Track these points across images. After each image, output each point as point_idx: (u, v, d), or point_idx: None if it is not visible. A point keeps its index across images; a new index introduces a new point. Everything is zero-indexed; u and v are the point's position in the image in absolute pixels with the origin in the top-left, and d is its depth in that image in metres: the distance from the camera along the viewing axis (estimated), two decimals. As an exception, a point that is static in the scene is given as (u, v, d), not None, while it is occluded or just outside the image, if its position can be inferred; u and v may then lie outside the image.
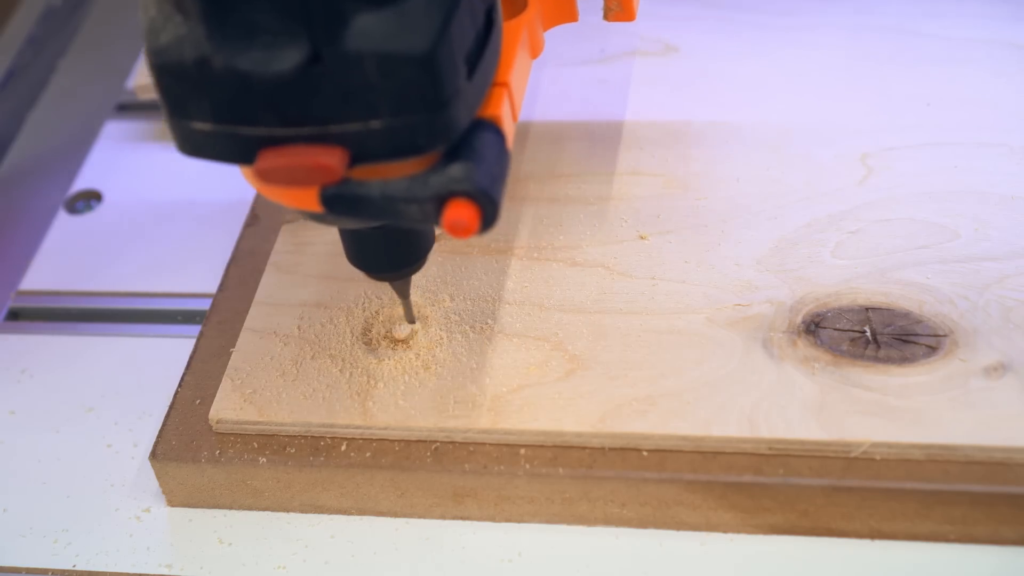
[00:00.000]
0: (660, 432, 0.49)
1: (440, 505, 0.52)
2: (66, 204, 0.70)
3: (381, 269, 0.51)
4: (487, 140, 0.44)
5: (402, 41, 0.40)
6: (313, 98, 0.40)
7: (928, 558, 0.49)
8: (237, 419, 0.52)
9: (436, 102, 0.41)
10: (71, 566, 0.52)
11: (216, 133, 0.41)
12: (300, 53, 0.39)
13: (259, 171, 0.41)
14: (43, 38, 0.82)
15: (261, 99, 0.40)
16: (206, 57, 0.40)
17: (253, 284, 0.58)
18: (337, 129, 0.41)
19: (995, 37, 0.66)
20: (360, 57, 0.39)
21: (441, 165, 0.43)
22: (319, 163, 0.41)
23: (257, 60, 0.40)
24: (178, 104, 0.41)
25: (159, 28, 0.41)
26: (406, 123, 0.41)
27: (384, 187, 0.43)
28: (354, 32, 0.39)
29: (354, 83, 0.40)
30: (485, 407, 0.51)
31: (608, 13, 0.55)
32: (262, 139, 0.41)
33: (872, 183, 0.59)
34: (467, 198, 0.42)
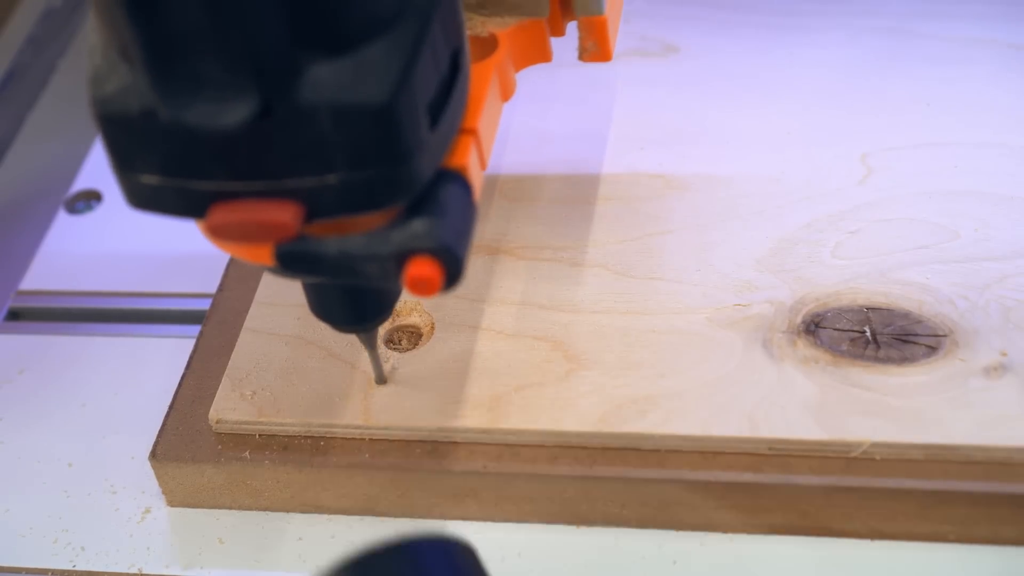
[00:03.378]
0: (660, 432, 0.49)
1: (440, 505, 0.52)
2: (66, 204, 0.70)
3: (345, 322, 0.49)
4: (451, 193, 0.41)
5: (358, 92, 0.37)
6: (265, 152, 0.38)
7: (928, 558, 0.49)
8: (237, 419, 0.52)
9: (396, 155, 0.38)
10: (71, 566, 0.52)
11: (165, 187, 0.39)
12: (249, 107, 0.37)
13: (210, 228, 0.39)
14: (43, 38, 0.82)
15: (210, 153, 0.38)
16: (152, 109, 0.38)
17: (253, 284, 0.58)
18: (291, 184, 0.38)
19: (995, 37, 0.66)
20: (314, 109, 0.37)
21: (402, 220, 0.40)
22: (272, 219, 0.39)
23: (204, 114, 0.37)
24: (125, 157, 0.39)
25: (104, 77, 0.38)
26: (364, 177, 0.39)
27: (341, 244, 0.41)
28: (308, 83, 0.37)
29: (308, 136, 0.38)
30: (485, 407, 0.51)
31: (583, 53, 0.52)
32: (213, 194, 0.39)
33: (872, 183, 0.59)
34: (430, 255, 0.40)
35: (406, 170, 0.39)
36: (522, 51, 0.51)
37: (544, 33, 0.51)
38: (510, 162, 0.62)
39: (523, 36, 0.51)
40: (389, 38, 0.38)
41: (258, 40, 0.36)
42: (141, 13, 0.36)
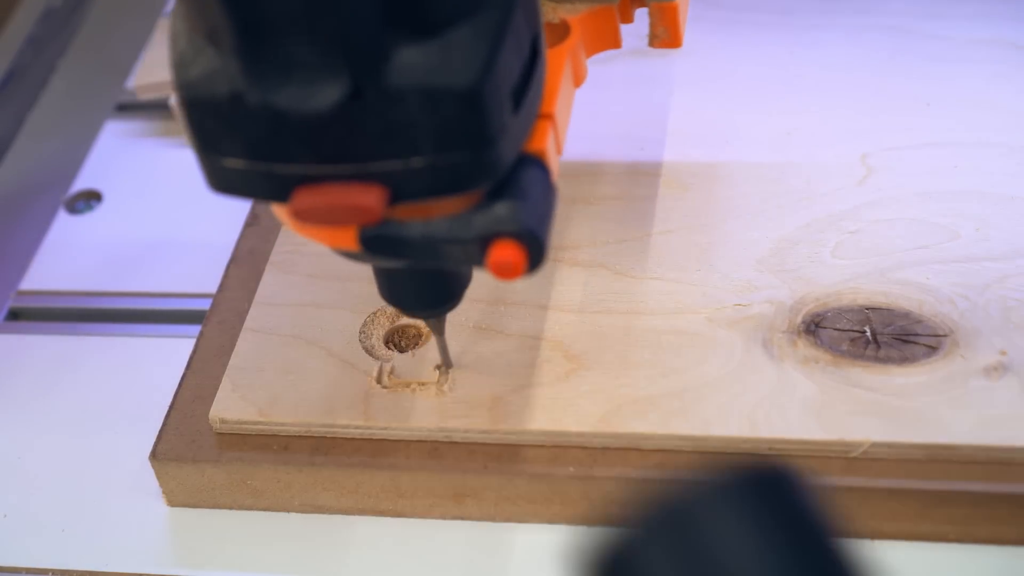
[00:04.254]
0: (660, 432, 0.49)
1: (440, 505, 0.52)
2: (66, 204, 0.70)
3: (416, 307, 0.49)
4: (532, 177, 0.41)
5: (447, 75, 0.37)
6: (352, 135, 0.38)
7: (928, 558, 0.49)
8: (237, 419, 0.52)
9: (481, 138, 0.39)
10: (71, 566, 0.52)
11: (249, 171, 0.39)
12: (340, 89, 0.37)
13: (295, 211, 0.39)
14: (43, 38, 0.82)
15: (297, 136, 0.38)
16: (240, 92, 0.38)
17: (253, 284, 0.58)
18: (377, 167, 0.39)
19: (995, 37, 0.66)
20: (403, 93, 0.37)
21: (485, 204, 0.41)
22: (358, 203, 0.39)
23: (294, 97, 0.37)
24: (209, 140, 0.39)
25: (189, 61, 0.39)
26: (449, 160, 0.39)
27: (425, 228, 0.41)
28: (396, 66, 0.37)
29: (396, 119, 0.38)
30: (485, 407, 0.51)
31: (654, 40, 0.52)
32: (298, 177, 0.39)
33: (872, 183, 0.59)
34: (513, 239, 0.40)
35: (491, 153, 0.39)
36: (593, 37, 0.51)
37: (615, 19, 0.51)
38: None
39: (594, 22, 0.51)
40: (475, 21, 0.38)
41: (351, 22, 0.36)
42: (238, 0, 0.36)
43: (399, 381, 0.52)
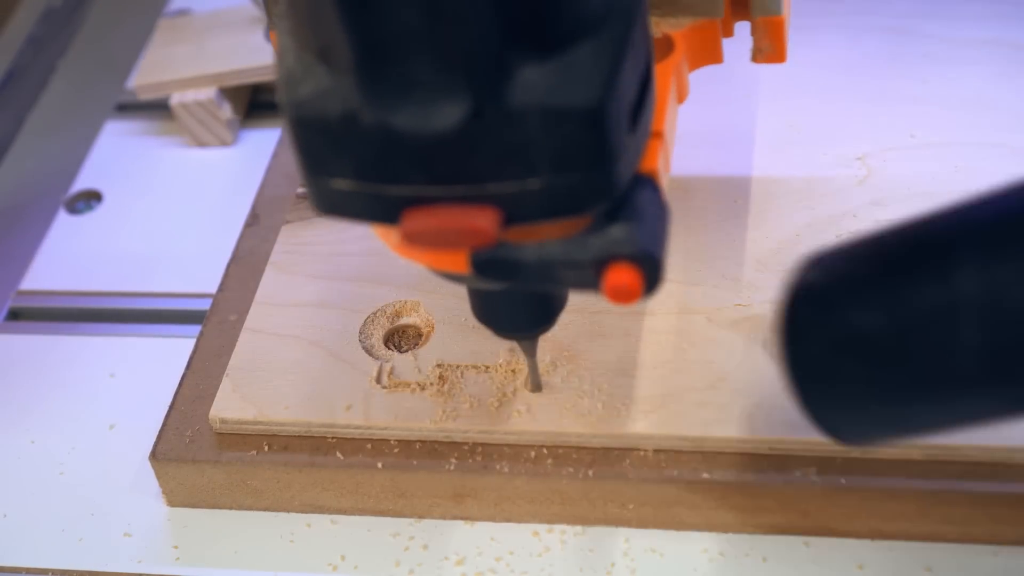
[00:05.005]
0: (660, 432, 0.49)
1: (440, 505, 0.52)
2: (66, 204, 0.70)
3: (511, 329, 0.48)
4: (646, 197, 0.40)
5: (568, 94, 0.36)
6: (469, 156, 0.37)
7: (928, 558, 0.49)
8: (237, 419, 0.52)
9: (601, 159, 0.37)
10: (71, 566, 0.52)
11: (358, 192, 0.38)
12: (461, 109, 0.36)
13: (405, 234, 0.38)
14: (43, 38, 0.82)
15: (412, 157, 0.37)
16: (354, 112, 0.37)
17: (253, 284, 0.58)
18: (492, 189, 0.37)
19: (995, 37, 0.66)
20: (523, 112, 0.36)
21: (599, 226, 0.39)
22: (472, 226, 0.37)
23: (413, 117, 0.36)
24: (317, 161, 0.38)
25: (298, 79, 0.37)
26: (567, 181, 0.37)
27: (540, 251, 0.40)
28: (517, 85, 0.36)
29: (514, 140, 0.36)
30: (485, 407, 0.51)
31: (758, 54, 0.51)
32: (408, 199, 0.38)
33: (872, 183, 0.59)
34: (629, 261, 0.39)
35: (609, 174, 0.38)
36: (696, 52, 0.50)
37: (718, 34, 0.50)
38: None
39: (697, 37, 0.50)
40: (596, 40, 0.37)
41: (473, 41, 0.35)
42: (357, 15, 0.35)
43: (399, 381, 0.52)
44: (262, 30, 0.72)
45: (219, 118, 0.71)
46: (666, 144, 0.43)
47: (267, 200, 0.63)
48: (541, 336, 0.53)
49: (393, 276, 0.57)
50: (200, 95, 0.70)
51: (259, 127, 0.73)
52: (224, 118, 0.71)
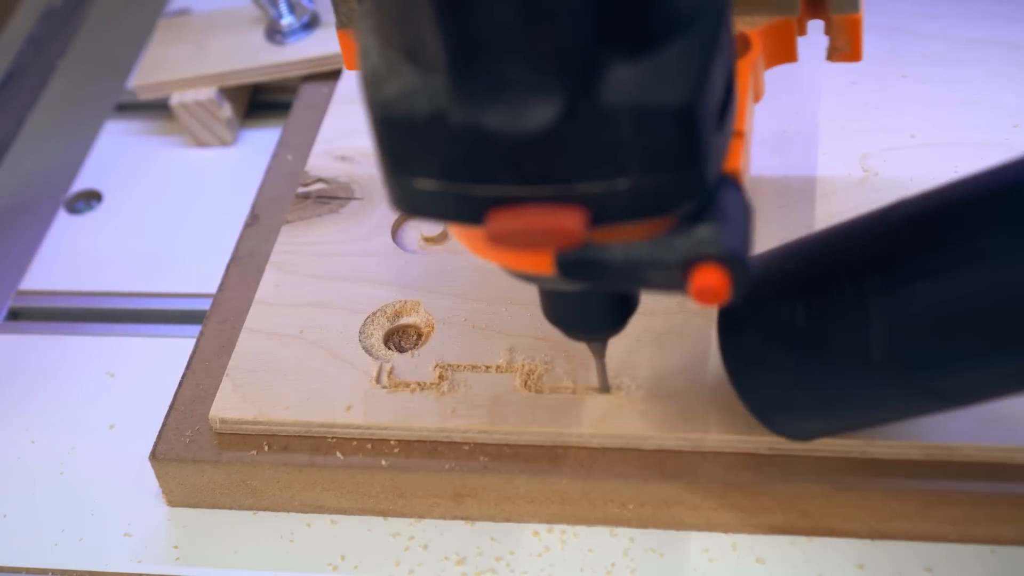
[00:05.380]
0: (660, 432, 0.49)
1: (440, 505, 0.52)
2: (66, 204, 0.70)
3: (583, 331, 0.48)
4: (730, 197, 0.40)
5: (660, 93, 0.36)
6: (557, 156, 0.36)
7: (928, 558, 0.49)
8: (237, 419, 0.52)
9: (690, 158, 0.37)
10: (71, 566, 0.52)
11: (442, 192, 0.38)
12: (553, 108, 0.36)
13: (491, 235, 0.38)
14: (43, 38, 0.82)
15: (500, 157, 0.37)
16: (442, 111, 0.36)
17: (253, 284, 0.58)
18: (579, 189, 0.37)
19: (995, 37, 0.66)
20: (614, 111, 0.36)
21: (684, 227, 0.39)
22: (559, 226, 0.37)
23: (505, 116, 0.36)
24: (401, 160, 0.38)
25: (384, 78, 0.37)
26: (656, 181, 0.37)
27: (626, 251, 0.39)
28: (609, 84, 0.36)
29: (604, 139, 0.36)
30: (485, 407, 0.51)
31: (834, 53, 0.50)
32: (494, 199, 0.37)
33: (872, 183, 0.59)
34: (716, 262, 0.39)
35: (698, 174, 0.37)
36: (772, 51, 0.50)
37: (793, 32, 0.50)
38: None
39: (773, 35, 0.49)
40: (688, 38, 0.36)
41: (568, 39, 0.35)
42: (452, 14, 0.35)
43: (399, 381, 0.52)
44: (263, 30, 0.72)
45: (219, 118, 0.71)
46: (746, 144, 0.43)
47: (267, 200, 0.63)
48: (541, 335, 0.53)
49: (393, 276, 0.57)
50: (200, 95, 0.70)
51: (259, 127, 0.73)
52: (224, 118, 0.71)
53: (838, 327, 0.43)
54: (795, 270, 0.45)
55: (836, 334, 0.43)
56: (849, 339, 0.43)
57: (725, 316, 0.47)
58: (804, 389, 0.45)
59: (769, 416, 0.47)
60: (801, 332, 0.44)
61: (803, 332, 0.44)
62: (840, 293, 0.43)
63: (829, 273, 0.44)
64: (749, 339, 0.46)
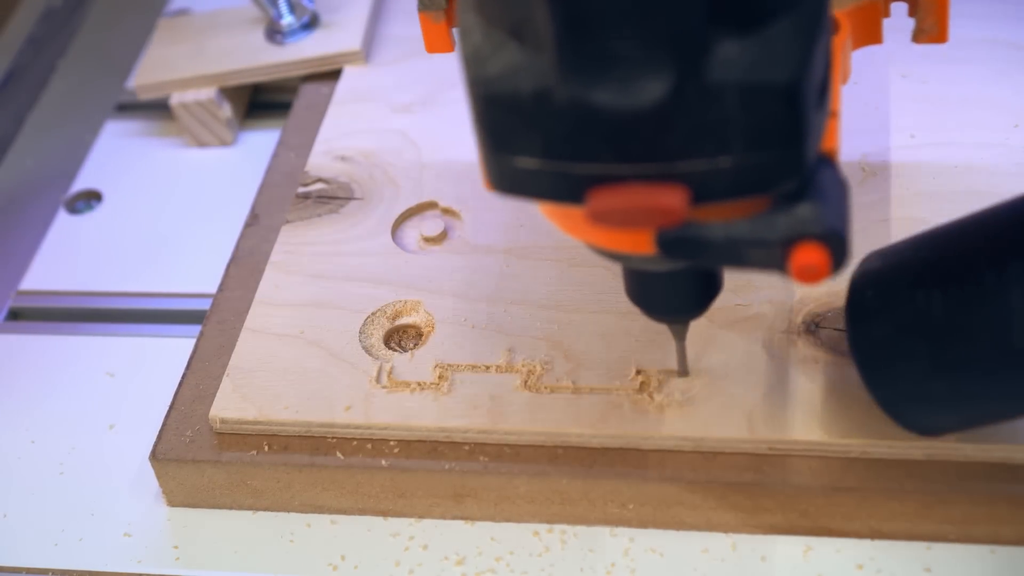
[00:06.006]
0: (660, 432, 0.49)
1: (440, 505, 0.52)
2: (66, 204, 0.70)
3: (666, 312, 0.48)
4: (828, 176, 0.40)
5: (767, 71, 0.36)
6: (661, 133, 0.36)
7: (928, 558, 0.49)
8: (237, 419, 0.52)
9: (793, 136, 0.37)
10: (71, 566, 0.52)
11: (543, 171, 0.38)
12: (663, 85, 0.36)
13: (593, 213, 0.38)
14: (43, 38, 0.82)
15: (604, 135, 0.37)
16: (548, 89, 0.36)
17: (253, 284, 0.58)
18: (682, 166, 0.37)
19: (995, 37, 0.66)
20: (722, 88, 0.36)
21: (784, 205, 0.39)
22: (661, 204, 0.37)
23: (614, 93, 0.36)
24: (502, 138, 0.38)
25: (487, 56, 0.37)
26: (759, 159, 0.37)
27: (728, 230, 0.39)
28: (718, 61, 0.36)
29: (710, 116, 0.36)
30: (485, 407, 0.51)
31: (921, 35, 0.50)
32: (595, 177, 0.37)
33: (872, 183, 0.59)
34: (817, 240, 0.39)
35: (800, 152, 0.37)
36: (858, 32, 0.49)
37: (879, 13, 0.50)
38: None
39: (860, 16, 0.49)
40: (793, 16, 0.36)
41: (681, 15, 0.35)
42: None
43: (399, 381, 0.52)
44: (263, 30, 0.72)
45: (219, 118, 0.71)
46: (839, 124, 0.43)
47: (267, 200, 0.63)
48: (541, 335, 0.53)
49: (393, 276, 0.57)
50: (200, 95, 0.70)
51: (259, 127, 0.73)
52: (224, 118, 0.71)
53: (978, 314, 0.42)
54: (930, 258, 0.45)
55: (976, 321, 0.42)
56: (990, 326, 0.42)
57: (855, 308, 0.47)
58: (940, 379, 0.44)
59: (900, 409, 0.47)
60: (938, 320, 0.43)
61: (940, 320, 0.43)
62: (980, 279, 0.42)
63: (967, 260, 0.43)
64: (881, 329, 0.45)
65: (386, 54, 0.70)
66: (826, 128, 0.40)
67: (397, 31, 0.72)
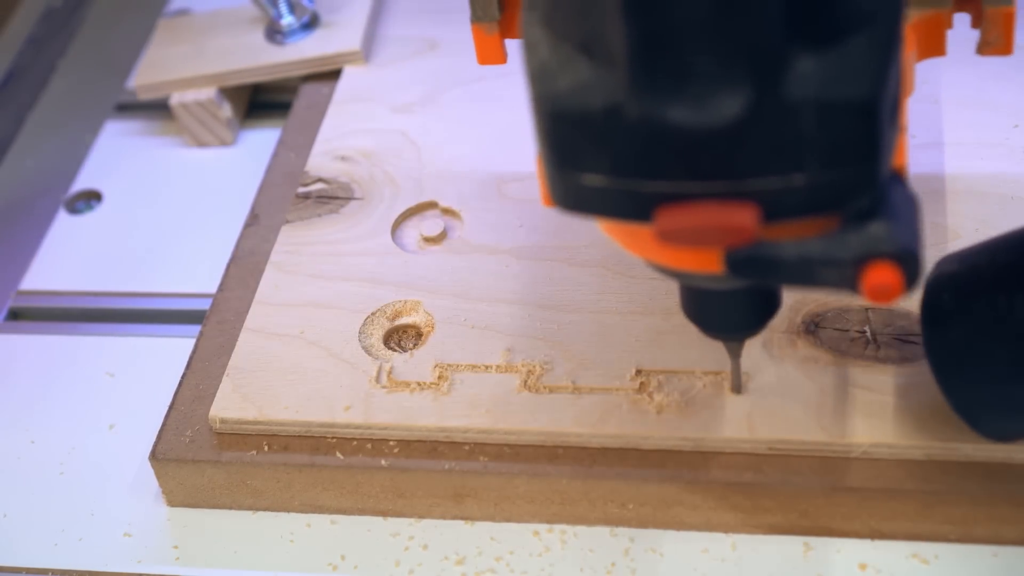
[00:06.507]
0: (660, 432, 0.49)
1: (440, 505, 0.52)
2: (66, 204, 0.70)
3: (722, 330, 0.47)
4: (900, 193, 0.39)
5: (844, 87, 0.35)
6: (735, 150, 0.36)
7: (928, 558, 0.49)
8: (237, 419, 0.52)
9: (869, 153, 0.36)
10: (71, 566, 0.52)
11: (610, 188, 0.37)
12: (740, 101, 0.35)
13: (661, 231, 0.37)
14: (43, 38, 0.82)
15: (676, 152, 0.36)
16: (620, 105, 0.36)
17: (253, 284, 0.58)
18: (753, 184, 0.36)
19: (995, 37, 0.66)
20: (798, 104, 0.35)
21: (855, 223, 0.38)
22: (732, 223, 0.36)
23: (690, 110, 0.35)
24: (569, 155, 0.37)
25: (555, 71, 0.37)
26: (833, 177, 0.36)
27: (799, 248, 0.38)
28: (794, 77, 0.35)
29: (785, 133, 0.35)
30: (485, 407, 0.51)
31: (985, 47, 0.48)
32: (663, 195, 0.37)
33: (872, 183, 0.59)
34: (889, 259, 0.38)
35: (874, 169, 0.37)
36: (923, 44, 0.48)
37: (943, 26, 0.49)
38: (509, 162, 0.62)
39: (924, 29, 0.48)
40: (870, 31, 0.36)
41: (760, 31, 0.35)
42: (640, 5, 0.34)
43: (399, 381, 0.52)
44: (263, 30, 0.72)
45: (219, 118, 0.71)
46: (907, 139, 0.43)
47: (267, 200, 0.63)
48: (541, 335, 0.53)
49: (393, 276, 0.57)
50: (200, 95, 0.70)
51: (259, 127, 0.73)
52: (224, 118, 0.71)
53: None
54: (1009, 262, 0.44)
55: None
56: None
57: (931, 311, 0.46)
58: (1019, 384, 0.44)
59: (976, 414, 0.46)
60: (1018, 324, 0.43)
61: (1020, 324, 0.43)
62: None
63: None
64: (959, 334, 0.45)
65: (386, 54, 0.70)
66: (896, 143, 0.39)
67: (397, 31, 0.72)
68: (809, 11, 0.35)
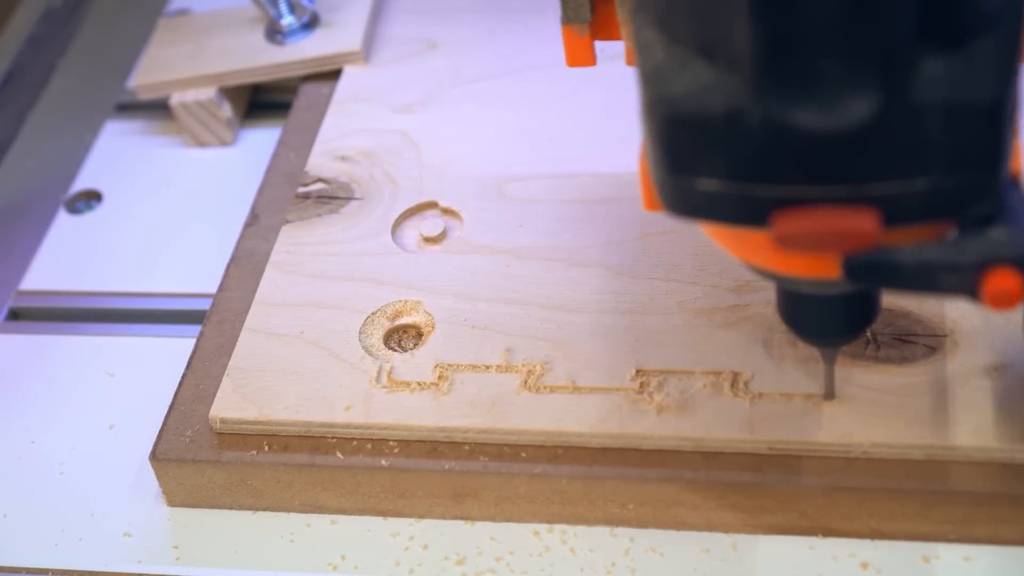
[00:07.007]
0: (660, 432, 0.49)
1: (440, 505, 0.52)
2: (66, 204, 0.70)
3: (819, 336, 0.46)
4: (1016, 197, 0.38)
5: (972, 89, 0.35)
6: (858, 154, 0.35)
7: (928, 558, 0.49)
8: (237, 419, 0.52)
9: (992, 157, 0.36)
10: (71, 566, 0.52)
11: (725, 193, 0.36)
12: (868, 104, 0.34)
13: (779, 236, 0.36)
14: (43, 38, 0.82)
15: (797, 156, 0.35)
16: (742, 108, 0.35)
17: (253, 284, 0.58)
18: (874, 189, 0.36)
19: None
20: (925, 107, 0.35)
21: (974, 228, 0.38)
22: (852, 228, 0.36)
23: (816, 113, 0.35)
24: (683, 160, 0.36)
25: (670, 74, 0.36)
26: (955, 181, 0.36)
27: (920, 254, 0.38)
28: (921, 80, 0.34)
29: (910, 136, 0.35)
30: (485, 407, 0.51)
31: None
32: (781, 200, 0.36)
33: (872, 183, 0.59)
34: (1011, 265, 0.37)
35: (996, 173, 0.36)
36: None
37: None
38: (509, 162, 0.62)
39: None
40: (995, 34, 0.35)
41: (890, 33, 0.34)
42: (769, 7, 0.34)
43: (399, 381, 0.52)
44: (263, 30, 0.72)
45: (219, 118, 0.71)
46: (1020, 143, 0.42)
47: (267, 200, 0.63)
48: (541, 335, 0.53)
49: (393, 276, 0.57)
50: (200, 95, 0.70)
51: (259, 127, 0.73)
52: (224, 118, 0.71)
53: None
54: None
55: None
56: None
57: None
58: None
59: None
60: None
61: None
62: None
63: None
64: None
65: (386, 54, 0.70)
66: (1013, 148, 0.39)
67: (397, 31, 0.72)
68: (938, 12, 0.35)
